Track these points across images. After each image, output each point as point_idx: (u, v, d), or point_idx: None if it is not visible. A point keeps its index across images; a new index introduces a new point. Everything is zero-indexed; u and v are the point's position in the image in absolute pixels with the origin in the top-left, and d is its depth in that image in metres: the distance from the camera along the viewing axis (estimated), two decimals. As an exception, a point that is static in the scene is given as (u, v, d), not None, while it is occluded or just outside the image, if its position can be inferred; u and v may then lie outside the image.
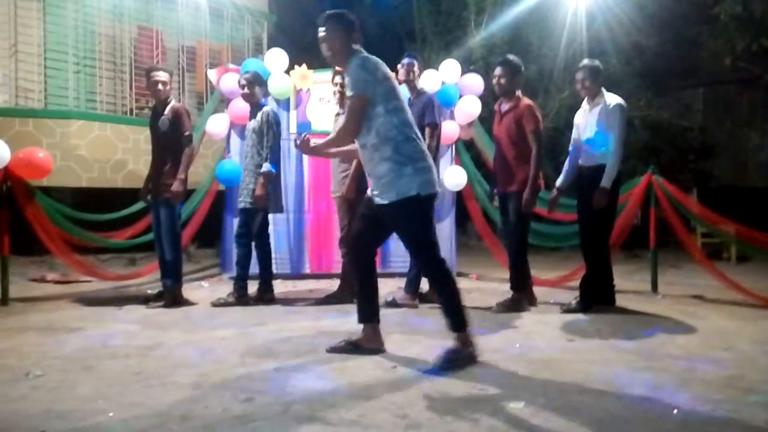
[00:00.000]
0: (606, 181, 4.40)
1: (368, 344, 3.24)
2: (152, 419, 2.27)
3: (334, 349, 3.26)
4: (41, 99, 8.01)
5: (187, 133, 4.73)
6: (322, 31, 3.17)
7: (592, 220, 4.54)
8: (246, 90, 4.91)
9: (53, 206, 5.22)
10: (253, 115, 4.95)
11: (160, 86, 4.76)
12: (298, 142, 3.29)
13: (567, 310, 4.49)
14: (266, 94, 5.64)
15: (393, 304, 4.63)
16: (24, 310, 4.55)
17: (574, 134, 4.82)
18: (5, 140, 4.82)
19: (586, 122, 4.64)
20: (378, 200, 3.11)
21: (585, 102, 4.71)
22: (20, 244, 5.47)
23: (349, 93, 3.08)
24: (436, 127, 4.68)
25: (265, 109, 4.90)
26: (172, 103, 4.80)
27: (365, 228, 3.28)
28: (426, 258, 3.14)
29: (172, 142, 4.73)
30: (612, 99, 4.53)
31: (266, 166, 4.74)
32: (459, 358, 2.99)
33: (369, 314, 3.27)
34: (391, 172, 3.03)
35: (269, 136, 4.80)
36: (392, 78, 3.12)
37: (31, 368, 2.94)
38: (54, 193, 6.66)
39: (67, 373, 2.88)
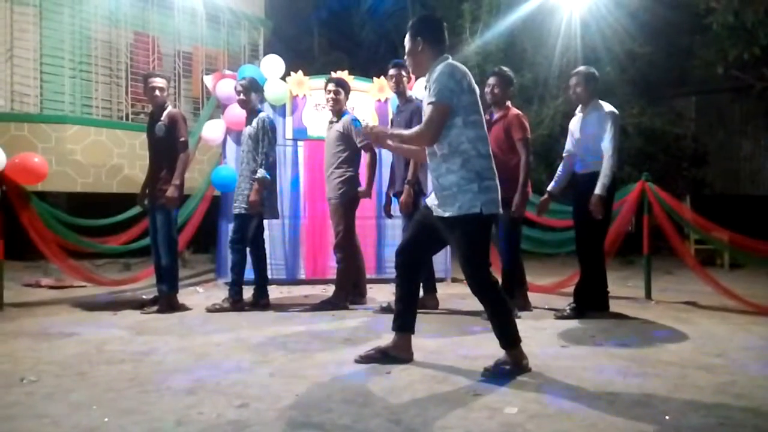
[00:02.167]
0: (600, 188, 4.42)
1: (398, 353, 3.18)
2: (147, 425, 2.28)
3: (363, 358, 3.18)
4: (37, 104, 8.01)
5: (182, 139, 4.73)
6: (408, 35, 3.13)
7: (587, 226, 4.57)
8: (242, 96, 4.93)
9: (48, 211, 5.21)
10: (249, 122, 4.97)
11: (157, 92, 4.77)
12: (364, 134, 3.31)
13: (561, 316, 4.51)
14: (263, 100, 5.65)
15: (388, 309, 4.63)
16: (18, 316, 4.54)
17: (568, 141, 4.87)
18: (0, 145, 4.82)
19: (579, 130, 4.69)
20: (438, 212, 3.05)
21: (578, 109, 4.76)
22: (15, 248, 5.45)
23: (431, 99, 2.98)
24: None
25: (261, 115, 4.92)
26: (169, 108, 4.81)
27: (417, 237, 3.20)
28: (474, 277, 3.03)
29: (168, 147, 4.74)
30: (605, 107, 4.59)
31: (261, 172, 4.75)
32: (505, 372, 2.95)
33: (406, 324, 3.21)
34: (455, 186, 2.96)
35: (264, 142, 4.81)
36: (476, 90, 3.06)
37: (26, 374, 2.94)
38: (49, 198, 6.66)
39: (62, 379, 2.87)
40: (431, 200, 3.13)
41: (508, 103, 4.76)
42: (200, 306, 4.91)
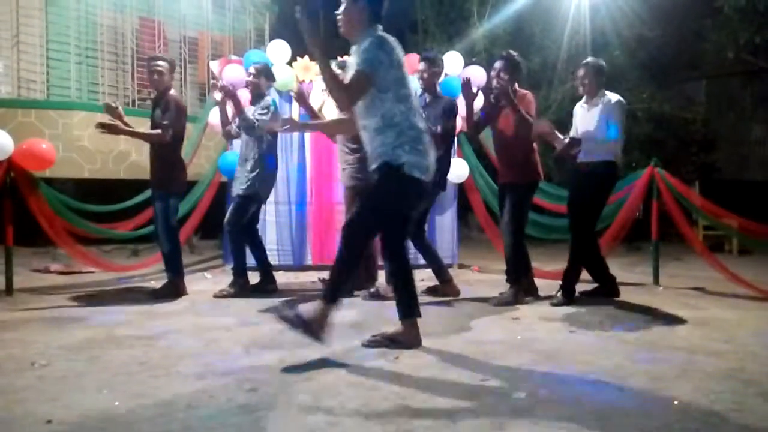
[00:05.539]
0: (587, 147, 4.41)
1: (405, 339, 3.18)
2: (157, 408, 2.29)
3: (371, 343, 3.20)
4: (43, 90, 8.02)
5: (165, 122, 4.63)
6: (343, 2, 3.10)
7: (579, 210, 4.55)
8: (253, 78, 4.93)
9: (57, 197, 5.23)
10: (253, 103, 4.96)
11: (156, 76, 4.75)
12: (285, 126, 3.70)
13: (553, 303, 4.45)
14: (269, 87, 5.59)
15: (375, 295, 4.61)
16: (28, 301, 4.57)
17: (573, 129, 4.81)
18: (7, 131, 4.82)
19: (584, 121, 4.63)
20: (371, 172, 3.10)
21: (584, 100, 4.69)
22: (23, 234, 5.48)
23: (358, 66, 2.97)
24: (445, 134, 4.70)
25: (266, 98, 4.92)
26: (170, 93, 4.76)
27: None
28: (387, 244, 3.14)
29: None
30: (612, 96, 4.53)
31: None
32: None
33: (409, 310, 3.21)
34: (386, 145, 3.02)
35: (258, 108, 4.84)
36: (405, 65, 3.08)
37: (37, 358, 2.96)
38: (57, 184, 6.67)
39: (72, 363, 2.90)
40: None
41: (516, 86, 4.68)
42: (209, 291, 4.93)
